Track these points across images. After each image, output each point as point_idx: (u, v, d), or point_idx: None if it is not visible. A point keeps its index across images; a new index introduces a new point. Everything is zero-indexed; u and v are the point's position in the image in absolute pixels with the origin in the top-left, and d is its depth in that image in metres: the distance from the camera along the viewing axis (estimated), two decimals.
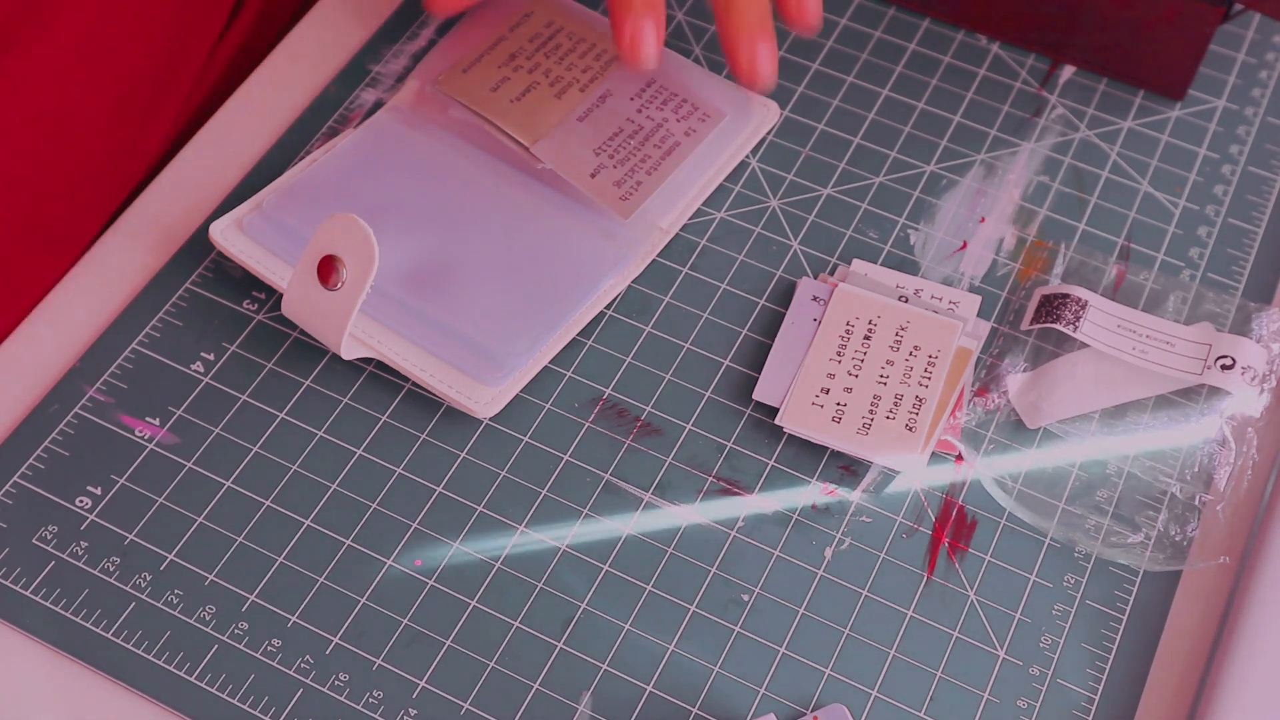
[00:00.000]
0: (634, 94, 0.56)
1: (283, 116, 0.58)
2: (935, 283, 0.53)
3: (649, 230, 0.54)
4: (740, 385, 0.51)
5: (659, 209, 0.54)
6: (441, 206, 0.53)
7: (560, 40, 0.57)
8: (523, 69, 0.56)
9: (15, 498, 0.48)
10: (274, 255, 0.51)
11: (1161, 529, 0.48)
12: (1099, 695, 0.45)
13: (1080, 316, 0.51)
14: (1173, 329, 0.51)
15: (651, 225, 0.54)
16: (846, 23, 0.61)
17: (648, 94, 0.56)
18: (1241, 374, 0.50)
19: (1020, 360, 0.51)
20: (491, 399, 0.49)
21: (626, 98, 0.56)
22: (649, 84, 0.56)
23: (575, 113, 0.55)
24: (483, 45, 0.57)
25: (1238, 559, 0.48)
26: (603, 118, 0.55)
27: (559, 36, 0.57)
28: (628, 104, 0.56)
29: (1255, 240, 0.55)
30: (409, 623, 0.46)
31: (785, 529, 0.48)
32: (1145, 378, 0.50)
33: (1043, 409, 0.50)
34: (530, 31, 0.57)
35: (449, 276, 0.51)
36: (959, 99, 0.59)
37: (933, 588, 0.47)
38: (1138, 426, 0.50)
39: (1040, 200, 0.56)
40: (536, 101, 0.55)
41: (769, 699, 0.45)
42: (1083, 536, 0.48)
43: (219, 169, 0.56)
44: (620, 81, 0.56)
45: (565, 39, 0.57)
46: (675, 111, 0.56)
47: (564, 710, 0.44)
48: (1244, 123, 0.59)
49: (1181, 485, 0.49)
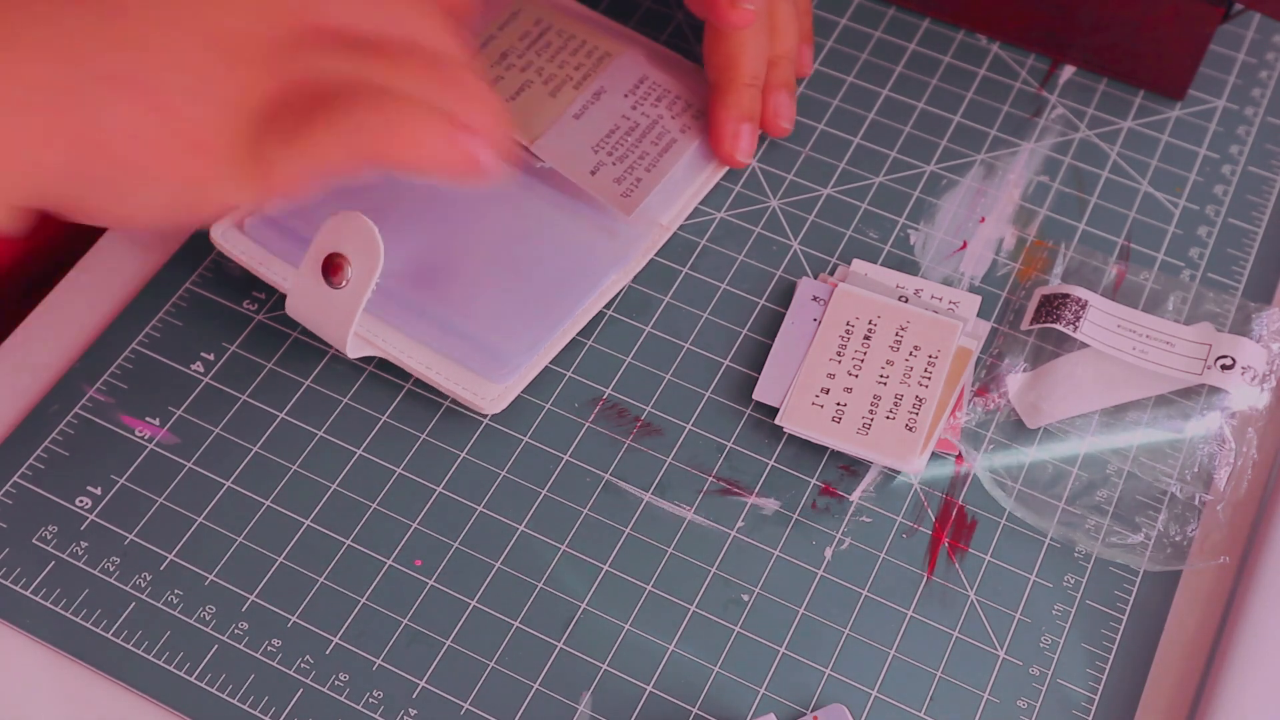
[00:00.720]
0: (627, 91, 0.56)
1: None
2: (935, 283, 0.53)
3: (649, 227, 0.54)
4: (740, 385, 0.51)
5: (659, 206, 0.54)
6: (440, 206, 0.53)
7: (550, 38, 0.57)
8: (515, 68, 0.56)
9: (15, 498, 0.48)
10: (274, 256, 0.51)
11: (1161, 529, 0.48)
12: (1099, 695, 0.45)
13: (1080, 316, 0.51)
14: (1173, 329, 0.51)
15: (652, 222, 0.54)
16: (846, 23, 0.61)
17: (641, 90, 0.56)
18: (1241, 374, 0.50)
19: (1020, 360, 0.51)
20: (497, 395, 0.49)
21: (620, 95, 0.56)
22: (641, 80, 0.56)
23: (571, 110, 0.55)
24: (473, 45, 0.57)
25: (1238, 559, 0.48)
26: (598, 115, 0.55)
27: (549, 34, 0.58)
28: (622, 100, 0.56)
29: (1255, 240, 0.55)
30: (409, 623, 0.46)
31: (785, 529, 0.48)
32: (1145, 378, 0.50)
33: (1043, 409, 0.50)
34: (520, 30, 0.58)
35: (451, 275, 0.51)
36: (959, 99, 0.59)
37: (933, 588, 0.47)
38: (1138, 426, 0.50)
39: (1040, 200, 0.56)
40: (531, 100, 0.55)
41: (769, 699, 0.45)
42: (1082, 536, 0.48)
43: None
44: (613, 78, 0.56)
45: (555, 36, 0.57)
46: (670, 108, 0.56)
47: (564, 710, 0.44)
48: (1244, 123, 0.59)
49: (1181, 485, 0.49)
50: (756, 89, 0.55)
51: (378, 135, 0.40)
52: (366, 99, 0.40)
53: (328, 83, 0.40)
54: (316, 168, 0.40)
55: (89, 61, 0.38)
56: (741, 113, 0.55)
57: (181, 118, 0.39)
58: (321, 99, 0.40)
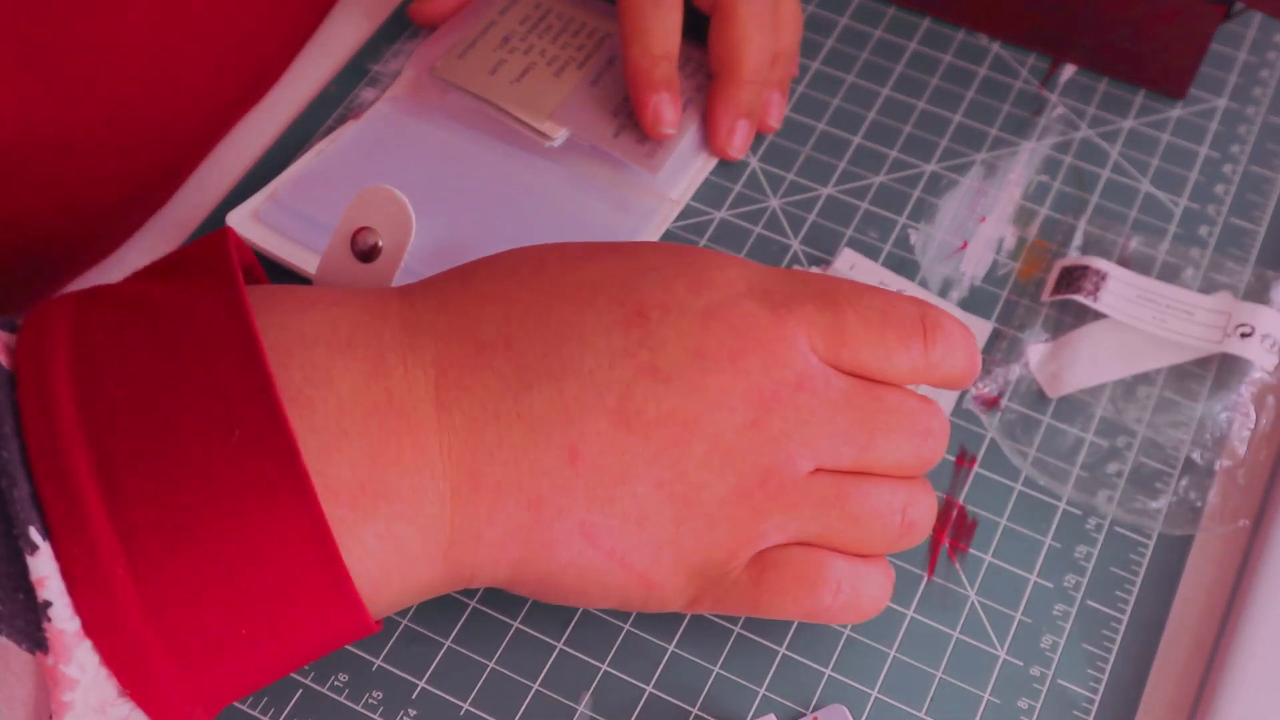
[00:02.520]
0: None
1: (282, 116, 0.58)
2: (917, 285, 0.53)
3: (660, 201, 0.54)
4: None
5: (668, 180, 0.55)
6: (453, 189, 0.53)
7: (551, 21, 0.58)
8: (518, 50, 0.57)
9: None
10: (293, 241, 0.52)
11: (1180, 494, 0.48)
12: (1100, 696, 0.45)
13: (1100, 287, 0.51)
14: (1192, 298, 0.52)
15: (662, 196, 0.54)
16: (847, 22, 0.61)
17: None
18: (1261, 341, 0.50)
19: (1041, 331, 0.51)
20: None
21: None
22: None
23: (589, 78, 0.57)
24: (475, 31, 0.58)
25: (1251, 529, 0.48)
26: (613, 81, 0.57)
27: (549, 17, 0.58)
28: None
29: (1256, 240, 0.55)
30: (409, 623, 0.46)
31: None
32: (1165, 347, 0.51)
33: (1064, 378, 0.50)
34: (520, 14, 0.58)
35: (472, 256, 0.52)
36: (959, 98, 0.59)
37: (933, 588, 0.47)
38: (1157, 395, 0.50)
39: (1041, 200, 0.56)
40: (536, 81, 0.56)
41: (769, 699, 0.44)
42: (1101, 501, 0.48)
43: (219, 169, 0.56)
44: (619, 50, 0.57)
45: (555, 19, 0.58)
46: (681, 69, 0.57)
47: (564, 710, 0.44)
48: (1245, 122, 0.59)
49: (1201, 451, 0.49)
50: (758, 85, 0.55)
51: (829, 615, 0.42)
52: (827, 582, 0.41)
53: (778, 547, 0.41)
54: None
55: (568, 514, 0.39)
56: (740, 109, 0.55)
57: (638, 570, 0.40)
58: (770, 567, 0.41)
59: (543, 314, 0.39)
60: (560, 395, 0.38)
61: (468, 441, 0.38)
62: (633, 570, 0.40)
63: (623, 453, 0.38)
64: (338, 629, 0.37)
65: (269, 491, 0.35)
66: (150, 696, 0.35)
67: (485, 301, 0.40)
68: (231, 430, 0.35)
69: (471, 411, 0.38)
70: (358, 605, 0.36)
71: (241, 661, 0.36)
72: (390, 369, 0.38)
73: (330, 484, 0.36)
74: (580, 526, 0.39)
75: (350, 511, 0.36)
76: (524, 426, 0.38)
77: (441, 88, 0.57)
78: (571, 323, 0.39)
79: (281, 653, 0.37)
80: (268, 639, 0.36)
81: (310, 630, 0.36)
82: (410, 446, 0.37)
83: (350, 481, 0.36)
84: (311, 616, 0.36)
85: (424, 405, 0.38)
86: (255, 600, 0.35)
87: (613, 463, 0.38)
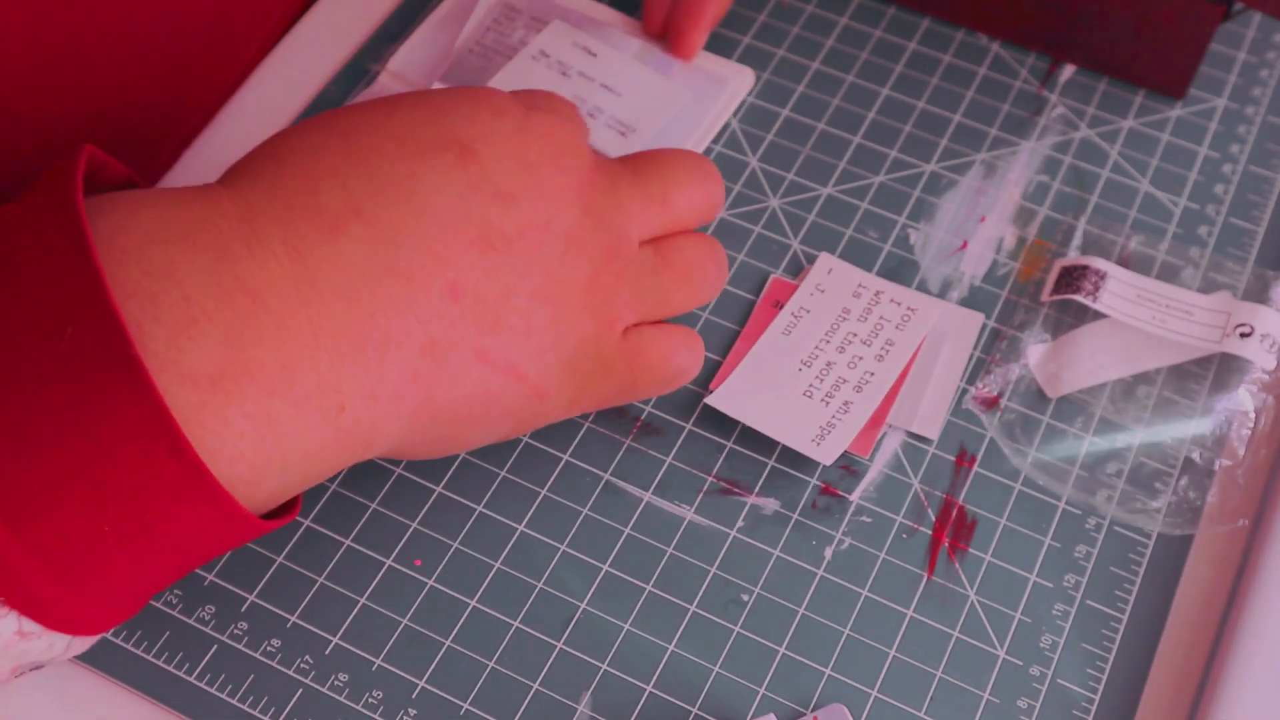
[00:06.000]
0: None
1: (282, 116, 0.58)
2: (898, 285, 0.52)
3: None
4: None
5: (679, 135, 0.55)
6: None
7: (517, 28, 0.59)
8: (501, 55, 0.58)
9: None
10: None
11: (1180, 494, 0.48)
12: (1099, 695, 0.45)
13: (1099, 287, 0.52)
14: (1192, 298, 0.52)
15: None
16: (847, 22, 0.61)
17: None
18: (1260, 341, 0.50)
19: (1040, 331, 0.51)
20: None
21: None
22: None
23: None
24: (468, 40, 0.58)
25: (1249, 531, 0.48)
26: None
27: (513, 13, 0.59)
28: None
29: (1256, 239, 0.55)
30: (409, 623, 0.46)
31: (785, 529, 0.48)
32: (1165, 347, 0.51)
33: (1063, 378, 0.50)
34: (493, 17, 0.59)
35: None
36: (959, 98, 0.59)
37: (933, 588, 0.47)
38: (1157, 394, 0.50)
39: (1041, 200, 0.56)
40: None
41: (769, 699, 0.44)
42: (1100, 501, 0.48)
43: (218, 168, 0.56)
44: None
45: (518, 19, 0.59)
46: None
47: (564, 710, 0.44)
48: (1244, 122, 0.59)
49: (1201, 451, 0.49)
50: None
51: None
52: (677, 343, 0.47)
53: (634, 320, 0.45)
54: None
55: (461, 346, 0.41)
56: (708, 22, 0.58)
57: (531, 379, 0.42)
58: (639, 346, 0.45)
59: (378, 175, 0.40)
60: (428, 242, 0.40)
61: (337, 308, 0.38)
62: (526, 380, 0.42)
63: (498, 274, 0.41)
64: (211, 521, 0.37)
65: (104, 384, 0.34)
66: (29, 603, 0.35)
67: (314, 178, 0.40)
68: (64, 328, 0.35)
69: (336, 280, 0.39)
70: (220, 493, 0.36)
71: (119, 559, 0.36)
72: (236, 256, 0.38)
73: (185, 371, 0.36)
74: (476, 353, 0.41)
75: (211, 395, 0.36)
76: (398, 279, 0.39)
77: (429, 83, 0.57)
78: (413, 175, 0.40)
79: (160, 551, 0.37)
80: (137, 535, 0.36)
81: (179, 524, 0.36)
82: (272, 325, 0.37)
83: (207, 366, 0.36)
84: (173, 508, 0.36)
85: (281, 284, 0.38)
86: (110, 496, 0.35)
87: (491, 286, 0.41)
